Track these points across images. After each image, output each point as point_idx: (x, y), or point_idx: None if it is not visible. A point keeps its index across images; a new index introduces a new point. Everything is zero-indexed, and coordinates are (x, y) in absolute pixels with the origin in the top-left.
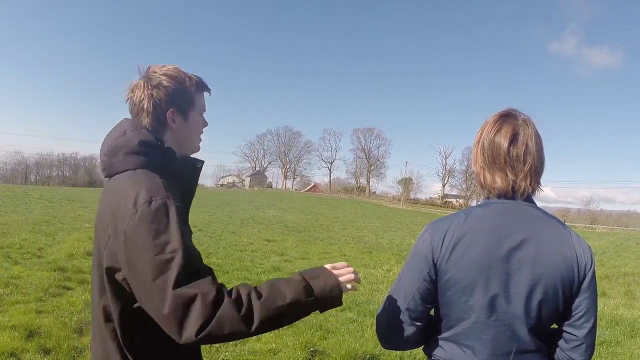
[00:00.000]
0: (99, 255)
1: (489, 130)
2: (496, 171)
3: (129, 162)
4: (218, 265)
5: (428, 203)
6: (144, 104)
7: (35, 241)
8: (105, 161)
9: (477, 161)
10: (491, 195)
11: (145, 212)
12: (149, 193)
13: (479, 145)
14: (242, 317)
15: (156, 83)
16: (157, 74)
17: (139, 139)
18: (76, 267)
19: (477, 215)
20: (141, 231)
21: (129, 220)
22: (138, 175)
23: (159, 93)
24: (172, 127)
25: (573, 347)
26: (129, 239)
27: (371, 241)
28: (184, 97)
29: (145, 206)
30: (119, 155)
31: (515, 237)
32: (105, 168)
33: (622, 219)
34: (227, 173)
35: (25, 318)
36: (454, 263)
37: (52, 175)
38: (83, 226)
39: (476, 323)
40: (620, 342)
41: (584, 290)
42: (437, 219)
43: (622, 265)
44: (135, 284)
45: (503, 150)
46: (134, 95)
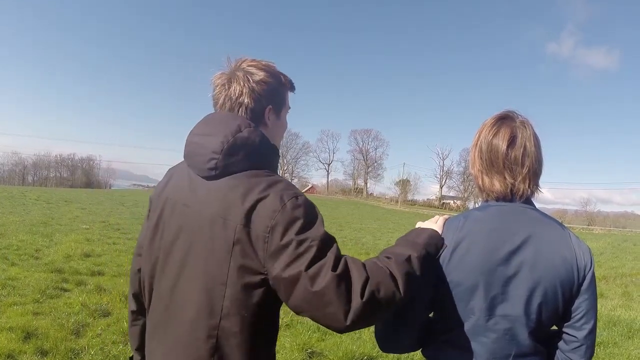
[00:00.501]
0: (210, 266)
1: (486, 133)
2: (494, 174)
3: (250, 162)
4: None
5: (426, 204)
6: (244, 99)
7: (32, 242)
8: (219, 160)
9: (475, 164)
10: (490, 198)
11: (295, 205)
12: (291, 189)
13: (477, 149)
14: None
15: (258, 79)
16: (256, 68)
17: (260, 138)
18: (73, 269)
19: (475, 219)
20: (296, 224)
21: (278, 216)
22: (266, 175)
23: (260, 89)
24: (267, 124)
25: (573, 349)
26: (279, 233)
27: (369, 242)
28: (280, 95)
29: (293, 200)
30: (238, 154)
31: (515, 240)
32: (218, 167)
33: (620, 220)
34: None
35: (23, 320)
36: (453, 266)
37: (50, 177)
38: (80, 227)
39: (476, 326)
40: (618, 343)
41: (584, 291)
42: None
43: (620, 266)
44: (288, 276)
45: (501, 153)
46: (230, 88)
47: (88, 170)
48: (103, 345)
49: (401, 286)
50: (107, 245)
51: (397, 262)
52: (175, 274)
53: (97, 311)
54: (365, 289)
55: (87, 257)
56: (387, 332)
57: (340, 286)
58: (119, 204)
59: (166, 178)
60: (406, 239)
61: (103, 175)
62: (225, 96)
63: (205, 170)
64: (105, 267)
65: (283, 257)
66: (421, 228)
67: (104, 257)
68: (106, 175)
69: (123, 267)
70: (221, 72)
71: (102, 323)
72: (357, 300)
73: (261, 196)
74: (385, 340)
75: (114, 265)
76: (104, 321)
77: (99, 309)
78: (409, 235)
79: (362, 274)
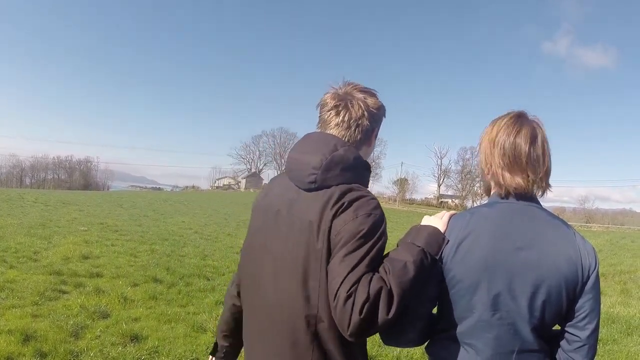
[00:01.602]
0: (307, 265)
1: (508, 131)
2: (517, 172)
3: (345, 177)
4: (214, 267)
5: (424, 203)
6: (363, 121)
7: (30, 245)
8: (318, 175)
9: (494, 162)
10: (508, 193)
11: (363, 221)
12: (369, 205)
13: (498, 147)
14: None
15: (375, 105)
16: (369, 95)
17: (354, 156)
18: (72, 271)
19: (482, 215)
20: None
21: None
22: (357, 189)
23: (375, 113)
24: (371, 144)
25: (575, 349)
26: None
27: None
28: (381, 120)
29: (364, 216)
30: (335, 169)
31: (520, 238)
32: (317, 181)
33: (618, 217)
34: (222, 175)
35: (22, 322)
36: (458, 261)
37: (48, 179)
38: (79, 229)
39: (479, 321)
40: (617, 340)
41: (588, 291)
42: None
43: (618, 263)
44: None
45: (524, 152)
46: (352, 109)
47: (86, 172)
48: (102, 347)
49: (395, 303)
50: (105, 247)
51: (394, 275)
52: (274, 271)
53: (96, 313)
54: (364, 308)
55: (86, 259)
56: (391, 327)
57: (347, 301)
58: (117, 205)
59: (266, 189)
60: (405, 240)
61: (101, 177)
62: (347, 115)
63: (305, 183)
64: (104, 269)
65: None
66: (422, 226)
67: (102, 259)
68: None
69: (121, 269)
70: (333, 92)
71: (101, 325)
72: (355, 316)
73: (344, 207)
74: (390, 335)
75: (113, 266)
76: (103, 323)
77: (98, 311)
78: (409, 236)
79: (364, 292)
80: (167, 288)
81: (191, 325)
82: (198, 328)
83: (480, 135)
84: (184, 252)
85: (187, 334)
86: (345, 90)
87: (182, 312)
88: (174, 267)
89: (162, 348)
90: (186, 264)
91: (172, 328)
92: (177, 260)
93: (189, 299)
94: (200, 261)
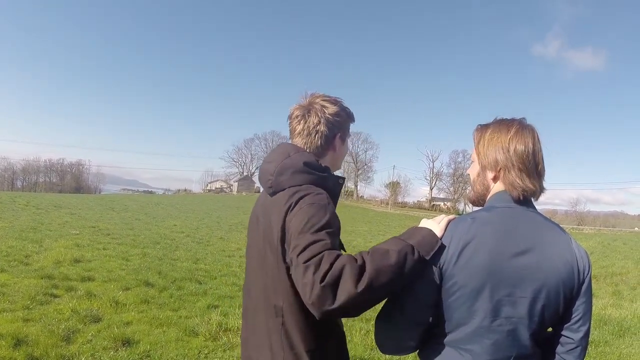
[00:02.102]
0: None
1: (525, 138)
2: (534, 177)
3: (297, 178)
4: (206, 271)
5: (416, 206)
6: (321, 127)
7: (22, 248)
8: (273, 180)
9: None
10: (521, 195)
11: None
12: (313, 199)
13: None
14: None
15: (332, 112)
16: (329, 103)
17: (303, 160)
18: (63, 275)
19: (483, 220)
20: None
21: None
22: (305, 188)
23: (333, 119)
24: (335, 149)
25: (568, 350)
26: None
27: (360, 245)
28: (346, 125)
29: (308, 206)
30: (286, 173)
31: (521, 243)
32: (273, 185)
33: (609, 219)
34: (214, 178)
35: (13, 326)
36: (460, 268)
37: (39, 182)
38: (70, 233)
39: (479, 327)
40: (609, 342)
41: (582, 294)
42: None
43: (610, 265)
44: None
45: (541, 158)
46: (309, 118)
47: (77, 175)
48: (94, 351)
49: (366, 279)
50: (97, 251)
51: (372, 256)
52: (255, 268)
53: (88, 317)
54: (326, 276)
55: (77, 262)
56: (388, 333)
57: (307, 270)
58: (108, 209)
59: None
60: (398, 237)
61: (92, 180)
62: (304, 124)
63: (267, 188)
64: (96, 273)
65: (290, 247)
66: (418, 227)
67: (94, 263)
68: (96, 180)
69: (113, 273)
70: (298, 104)
71: (92, 329)
72: (317, 285)
73: (292, 205)
74: (387, 340)
75: (104, 270)
76: (95, 327)
77: (90, 315)
78: (403, 234)
79: (327, 263)
80: (159, 292)
81: (183, 330)
82: (190, 332)
83: (478, 138)
84: (176, 255)
85: (179, 338)
86: (308, 101)
87: (174, 316)
88: (165, 271)
89: (153, 352)
90: (178, 267)
91: (164, 332)
92: (169, 264)
93: (181, 303)
94: (192, 265)
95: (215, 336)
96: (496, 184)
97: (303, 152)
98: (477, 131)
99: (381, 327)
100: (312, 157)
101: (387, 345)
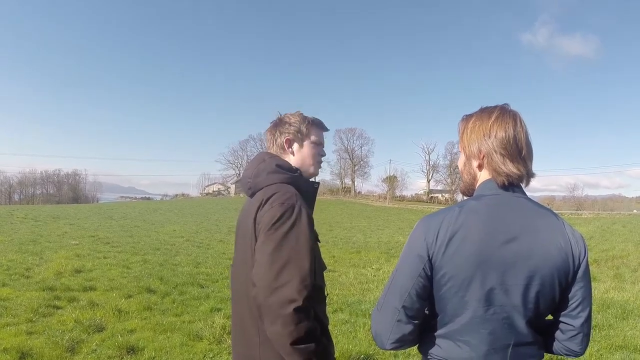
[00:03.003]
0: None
1: (505, 123)
2: (517, 161)
3: (270, 178)
4: (207, 274)
5: (414, 199)
6: (276, 137)
7: (22, 261)
8: (251, 181)
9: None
10: (506, 181)
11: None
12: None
13: (498, 137)
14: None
15: (290, 121)
16: (290, 115)
17: (276, 163)
18: (65, 286)
19: (471, 209)
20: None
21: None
22: (277, 186)
23: (290, 128)
24: (292, 153)
25: (570, 337)
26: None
27: (359, 241)
28: (300, 132)
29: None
30: (262, 175)
31: (511, 230)
32: (252, 187)
33: (608, 203)
34: (212, 181)
35: (17, 340)
36: (449, 258)
37: (36, 194)
38: (70, 243)
39: (473, 318)
40: (613, 325)
41: (579, 279)
42: (430, 214)
43: (610, 248)
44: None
45: (524, 142)
46: (276, 128)
47: (74, 185)
48: None
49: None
50: (97, 260)
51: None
52: (239, 263)
53: (91, 327)
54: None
55: (78, 272)
56: (385, 327)
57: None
58: (107, 217)
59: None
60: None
61: (90, 190)
62: (272, 135)
63: (247, 191)
64: (97, 282)
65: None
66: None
67: (95, 272)
68: (93, 189)
69: (115, 281)
70: (272, 122)
71: (96, 338)
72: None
73: (264, 203)
74: (383, 334)
75: (106, 279)
76: (99, 336)
77: (93, 325)
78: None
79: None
80: (161, 298)
81: (187, 334)
82: (194, 336)
83: (462, 128)
84: (177, 260)
85: (183, 343)
86: (279, 117)
87: (178, 321)
88: (167, 276)
89: (158, 358)
90: (179, 272)
91: (168, 338)
92: (170, 270)
93: (184, 308)
94: (193, 269)
95: (219, 339)
96: (482, 172)
97: (276, 157)
98: (462, 122)
99: (377, 322)
100: (283, 161)
101: (385, 339)
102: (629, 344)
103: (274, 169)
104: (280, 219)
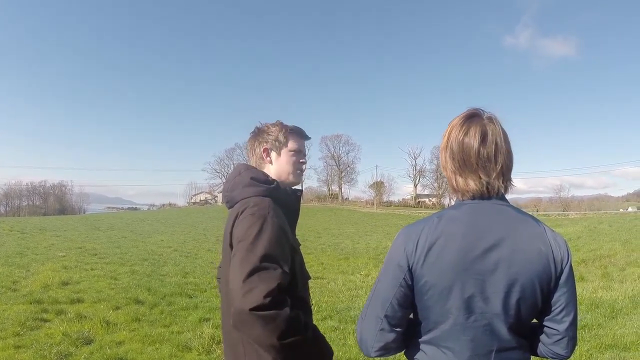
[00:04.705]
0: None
1: (456, 133)
2: (469, 174)
3: (246, 192)
4: (196, 284)
5: (401, 204)
6: (255, 147)
7: (9, 274)
8: (228, 195)
9: (447, 166)
10: (465, 197)
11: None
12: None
13: (448, 150)
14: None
15: (268, 131)
16: (264, 127)
17: (251, 176)
18: (52, 298)
19: (450, 218)
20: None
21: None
22: (251, 200)
23: (267, 137)
24: (270, 162)
25: (555, 342)
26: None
27: (347, 247)
28: (278, 140)
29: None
30: (238, 188)
31: (490, 238)
32: (229, 200)
33: (594, 203)
34: (198, 190)
35: (4, 354)
36: (428, 267)
37: (22, 206)
38: (57, 255)
39: (455, 325)
40: (602, 324)
41: (562, 284)
42: (410, 223)
43: (598, 248)
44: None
45: (474, 152)
46: (254, 139)
47: (61, 197)
48: None
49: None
50: (85, 272)
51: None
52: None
53: (79, 339)
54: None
55: (66, 285)
56: (369, 335)
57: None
58: (94, 228)
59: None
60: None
61: (76, 201)
62: (250, 147)
63: (226, 203)
64: (85, 294)
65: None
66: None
67: (82, 284)
68: (79, 200)
69: (102, 293)
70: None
71: (85, 351)
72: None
73: (239, 214)
74: (368, 342)
75: (93, 291)
76: (87, 349)
77: (81, 337)
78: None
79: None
80: (150, 309)
81: (176, 345)
82: (183, 347)
83: (442, 142)
84: (164, 271)
85: (172, 354)
86: (258, 127)
87: (166, 332)
88: (155, 287)
89: None
90: (167, 283)
91: (157, 349)
92: (158, 280)
93: (172, 319)
94: (181, 279)
95: (208, 349)
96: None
97: (252, 169)
98: (443, 136)
99: (361, 331)
100: (258, 173)
101: (370, 347)
102: (618, 343)
103: (249, 182)
104: (249, 229)
